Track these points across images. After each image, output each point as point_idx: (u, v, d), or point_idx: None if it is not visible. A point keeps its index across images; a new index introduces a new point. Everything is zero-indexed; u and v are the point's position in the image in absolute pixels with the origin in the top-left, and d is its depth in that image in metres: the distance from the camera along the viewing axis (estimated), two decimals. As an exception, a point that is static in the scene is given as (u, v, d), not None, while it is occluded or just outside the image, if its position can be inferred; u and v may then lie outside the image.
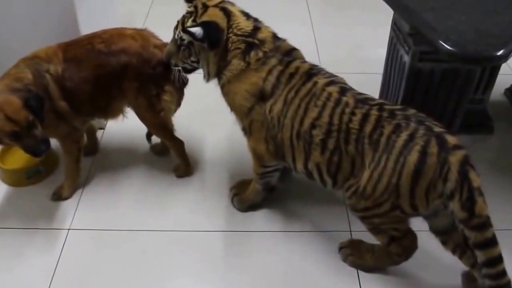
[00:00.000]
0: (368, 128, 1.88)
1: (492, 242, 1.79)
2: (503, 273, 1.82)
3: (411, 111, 1.91)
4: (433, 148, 1.77)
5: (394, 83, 2.48)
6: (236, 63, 2.09)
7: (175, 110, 2.52)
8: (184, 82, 2.46)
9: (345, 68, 3.35)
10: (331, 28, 3.96)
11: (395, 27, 2.44)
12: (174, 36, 2.18)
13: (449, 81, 2.29)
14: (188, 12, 2.12)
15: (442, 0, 2.13)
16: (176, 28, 2.15)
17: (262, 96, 2.09)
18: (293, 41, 2.21)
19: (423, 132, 1.80)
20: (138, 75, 2.31)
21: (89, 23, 2.60)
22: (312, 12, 4.14)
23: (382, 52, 2.68)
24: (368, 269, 2.20)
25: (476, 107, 2.83)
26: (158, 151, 2.80)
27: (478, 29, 1.95)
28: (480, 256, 1.81)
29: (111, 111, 2.48)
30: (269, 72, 2.06)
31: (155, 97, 2.37)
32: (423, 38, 1.99)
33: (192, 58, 2.16)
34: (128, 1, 4.08)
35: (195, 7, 2.10)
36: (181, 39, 2.12)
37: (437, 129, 1.83)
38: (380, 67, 2.74)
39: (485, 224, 1.77)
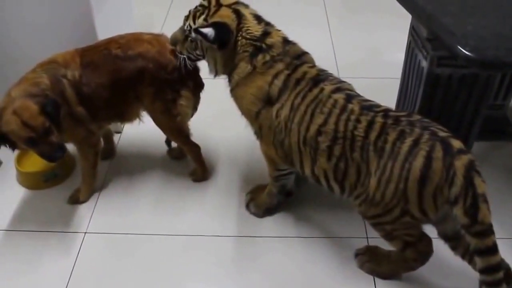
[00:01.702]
0: (373, 135, 1.87)
1: (492, 250, 1.77)
2: (500, 281, 1.80)
3: (416, 117, 1.90)
4: (438, 153, 1.76)
5: (412, 88, 2.45)
6: (243, 67, 2.09)
7: (192, 115, 2.52)
8: (200, 86, 2.46)
9: (363, 73, 3.35)
10: (349, 32, 3.93)
11: (413, 31, 2.41)
12: (183, 25, 2.17)
13: (468, 87, 2.25)
14: (201, 5, 2.11)
15: (461, 4, 2.10)
16: (186, 18, 2.14)
17: (268, 100, 2.09)
18: (310, 45, 2.21)
19: (428, 137, 1.80)
20: (155, 80, 2.31)
21: (107, 28, 2.61)
22: (330, 15, 4.11)
23: (401, 56, 2.65)
24: (385, 276, 2.18)
25: (496, 113, 2.79)
26: (175, 156, 2.81)
27: (498, 34, 1.92)
28: (479, 262, 1.80)
29: (128, 116, 2.49)
30: (275, 76, 2.06)
31: (171, 102, 2.37)
32: (441, 43, 1.96)
33: (198, 52, 2.17)
34: (146, 5, 4.11)
35: (209, 1, 2.10)
36: (189, 31, 2.12)
37: (442, 133, 1.81)
38: (398, 72, 2.71)
39: (487, 231, 1.75)
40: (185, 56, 2.21)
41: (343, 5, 4.38)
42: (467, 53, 1.81)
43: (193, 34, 2.10)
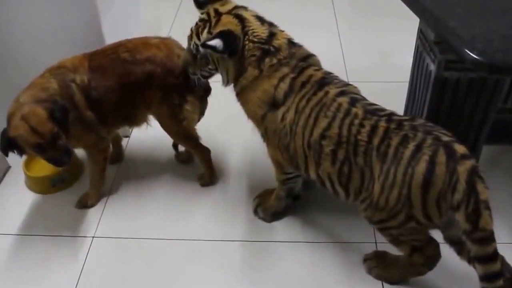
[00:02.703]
0: (376, 140, 1.86)
1: (492, 257, 1.76)
2: None
3: (420, 121, 1.89)
4: (441, 158, 1.75)
5: (420, 92, 2.44)
6: (250, 71, 2.08)
7: (198, 120, 2.52)
8: (207, 90, 2.46)
9: (372, 77, 3.34)
10: (358, 36, 3.93)
11: (421, 35, 2.40)
12: (189, 46, 2.17)
13: (476, 91, 2.24)
14: (201, 20, 2.11)
15: (469, 7, 2.07)
16: (190, 37, 2.14)
17: (274, 104, 2.08)
18: (319, 49, 2.20)
19: (431, 142, 1.78)
20: (162, 84, 2.32)
21: (114, 31, 2.61)
22: (339, 19, 4.11)
23: (410, 60, 2.64)
24: (393, 281, 2.17)
25: (507, 116, 2.75)
26: (183, 160, 2.81)
27: (506, 37, 1.89)
28: (479, 269, 1.79)
29: (136, 120, 2.49)
30: (281, 79, 2.05)
31: (178, 107, 2.37)
32: (448, 46, 1.94)
33: (210, 67, 2.17)
34: (154, 8, 4.12)
35: (208, 14, 2.09)
36: (197, 49, 2.12)
37: (445, 138, 1.80)
38: (407, 76, 2.69)
39: (488, 238, 1.74)
40: (198, 76, 2.22)
41: (352, 8, 4.37)
42: (474, 56, 1.79)
43: (201, 50, 2.10)
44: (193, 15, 2.17)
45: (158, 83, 2.31)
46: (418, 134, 1.81)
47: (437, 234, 1.99)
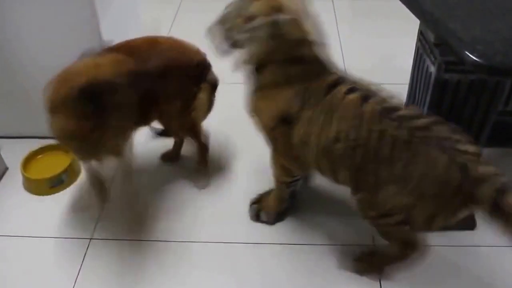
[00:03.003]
0: (384, 150, 1.79)
1: None
2: None
3: (436, 129, 1.80)
4: (455, 181, 1.68)
5: (420, 94, 2.43)
6: (270, 72, 1.99)
7: (205, 114, 2.49)
8: (215, 85, 2.43)
9: (372, 78, 3.27)
10: (358, 37, 3.92)
11: (421, 37, 2.40)
12: (221, 15, 2.02)
13: (476, 93, 2.23)
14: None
15: (469, 9, 2.07)
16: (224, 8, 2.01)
17: (286, 117, 1.99)
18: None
19: (445, 159, 1.69)
20: (180, 78, 2.28)
21: (113, 32, 2.60)
22: (339, 21, 4.10)
23: (411, 62, 2.63)
24: (385, 275, 2.16)
25: (507, 119, 2.75)
26: (168, 159, 2.81)
27: (506, 39, 1.89)
28: None
29: (148, 119, 2.44)
30: (296, 91, 1.96)
31: (192, 97, 2.35)
32: (448, 48, 1.94)
33: (239, 36, 1.98)
34: (153, 8, 4.11)
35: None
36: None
37: (462, 156, 1.70)
38: (408, 78, 2.69)
39: None
40: (217, 45, 2.05)
41: (353, 10, 4.36)
42: (474, 58, 1.78)
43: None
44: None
45: (177, 77, 2.26)
46: (430, 148, 1.73)
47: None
